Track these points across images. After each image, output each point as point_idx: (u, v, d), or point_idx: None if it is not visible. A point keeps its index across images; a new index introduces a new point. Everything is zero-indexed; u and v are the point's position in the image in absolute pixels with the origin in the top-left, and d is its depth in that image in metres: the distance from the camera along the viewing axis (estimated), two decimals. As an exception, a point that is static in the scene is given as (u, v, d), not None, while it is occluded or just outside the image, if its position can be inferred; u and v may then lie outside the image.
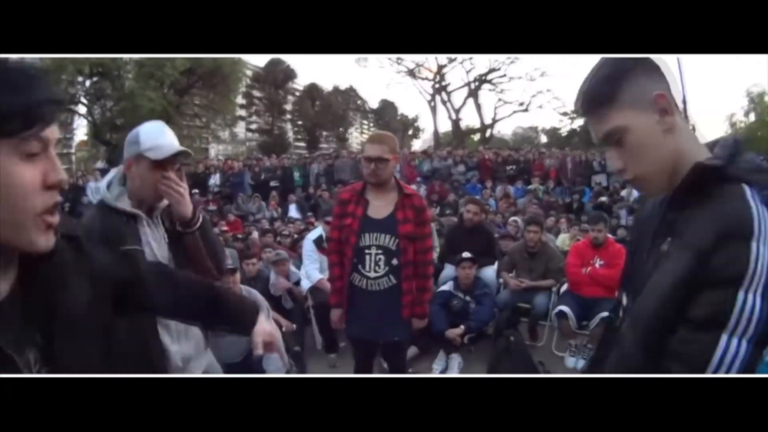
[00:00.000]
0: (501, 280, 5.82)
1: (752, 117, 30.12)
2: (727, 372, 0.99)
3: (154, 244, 1.95)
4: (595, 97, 1.15)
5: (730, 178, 1.09)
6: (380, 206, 3.06)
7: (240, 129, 38.69)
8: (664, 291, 1.10)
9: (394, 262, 3.02)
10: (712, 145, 1.18)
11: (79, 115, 28.02)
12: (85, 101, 27.16)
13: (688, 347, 1.03)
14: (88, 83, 26.76)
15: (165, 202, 1.99)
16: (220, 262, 2.08)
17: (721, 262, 1.02)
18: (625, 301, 1.32)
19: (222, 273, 2.14)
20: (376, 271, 3.03)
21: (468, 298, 5.17)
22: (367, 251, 3.03)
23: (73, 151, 33.85)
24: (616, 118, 1.13)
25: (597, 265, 5.14)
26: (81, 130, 30.99)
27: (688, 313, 1.05)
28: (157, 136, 1.96)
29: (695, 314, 1.04)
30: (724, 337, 1.00)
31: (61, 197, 0.74)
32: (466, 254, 5.21)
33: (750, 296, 1.00)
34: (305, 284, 5.41)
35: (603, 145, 1.18)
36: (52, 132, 0.72)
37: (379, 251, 3.02)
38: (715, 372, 0.99)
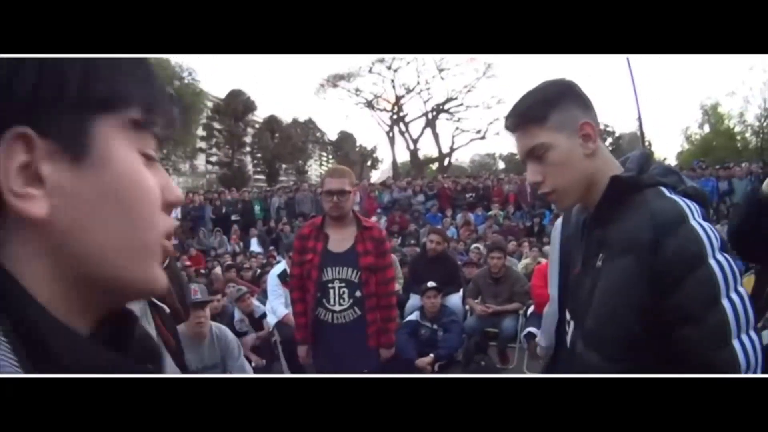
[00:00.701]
0: (467, 307, 5.84)
1: (706, 128, 31.02)
2: (747, 321, 1.05)
3: None
4: (529, 115, 1.25)
5: (647, 184, 1.21)
6: (340, 240, 3.10)
7: (200, 161, 38.31)
8: (617, 306, 1.16)
9: (358, 294, 3.05)
10: (624, 162, 1.31)
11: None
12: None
13: (707, 342, 1.06)
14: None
15: None
16: (184, 298, 2.06)
17: (674, 249, 1.09)
18: (570, 324, 1.37)
19: (186, 311, 2.11)
20: (340, 304, 3.05)
21: (435, 326, 5.16)
22: (330, 285, 3.05)
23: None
24: (542, 136, 1.23)
25: (561, 286, 5.21)
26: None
27: (679, 315, 1.08)
28: None
29: (688, 312, 1.07)
30: (725, 302, 1.06)
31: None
32: (430, 284, 5.22)
33: (720, 257, 1.08)
34: (271, 319, 5.34)
35: (525, 158, 1.28)
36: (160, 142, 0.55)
37: (342, 284, 3.05)
38: (738, 332, 1.04)
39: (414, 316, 5.30)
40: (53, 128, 0.45)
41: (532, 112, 1.25)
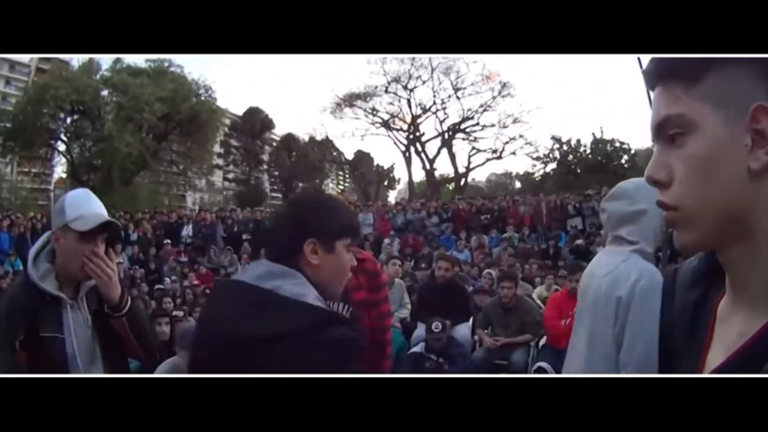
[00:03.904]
0: (476, 338, 5.62)
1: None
2: None
3: (76, 330, 1.80)
4: (674, 66, 0.73)
5: None
6: None
7: (217, 178, 38.68)
8: None
9: None
10: None
11: (59, 152, 27.88)
12: (65, 138, 27.05)
13: None
14: (69, 120, 26.67)
15: (93, 281, 1.84)
16: (149, 346, 1.92)
17: None
18: None
19: (151, 355, 1.97)
20: None
21: (441, 359, 4.93)
22: None
23: (51, 188, 33.49)
24: (685, 105, 0.70)
25: (576, 316, 4.98)
26: (60, 168, 30.87)
27: None
28: (82, 205, 1.83)
29: None
30: None
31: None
32: (435, 326, 4.95)
33: None
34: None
35: (654, 137, 0.75)
36: None
37: None
38: None
39: (418, 348, 5.08)
40: (329, 245, 1.36)
41: (682, 62, 0.72)
